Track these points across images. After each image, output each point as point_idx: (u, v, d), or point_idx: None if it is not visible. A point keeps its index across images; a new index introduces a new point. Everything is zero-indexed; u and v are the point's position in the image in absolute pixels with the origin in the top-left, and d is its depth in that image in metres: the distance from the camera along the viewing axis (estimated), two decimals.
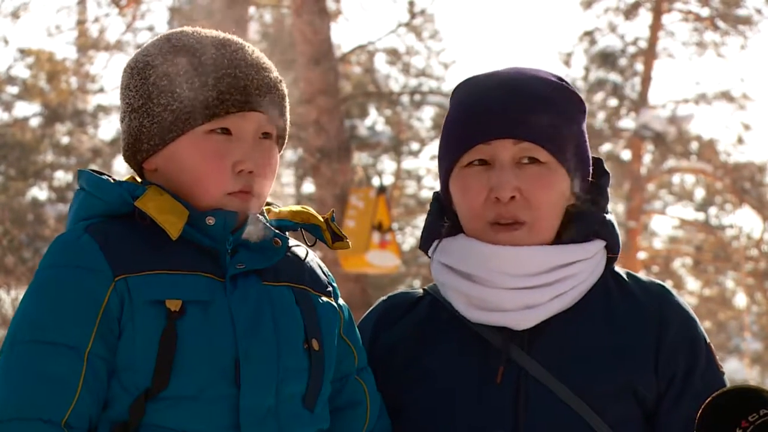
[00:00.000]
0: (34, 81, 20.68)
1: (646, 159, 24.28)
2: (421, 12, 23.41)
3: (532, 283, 2.50)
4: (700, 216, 25.92)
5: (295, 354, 2.38)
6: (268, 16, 24.38)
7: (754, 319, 26.49)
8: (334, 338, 2.47)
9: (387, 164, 26.49)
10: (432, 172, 26.99)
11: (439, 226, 2.62)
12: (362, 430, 2.53)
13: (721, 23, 22.89)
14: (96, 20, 17.92)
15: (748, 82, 43.84)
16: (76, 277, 2.29)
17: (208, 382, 2.29)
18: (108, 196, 2.37)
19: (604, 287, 2.57)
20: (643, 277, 2.62)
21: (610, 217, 2.61)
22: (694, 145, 23.03)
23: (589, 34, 23.70)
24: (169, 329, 2.28)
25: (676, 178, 25.96)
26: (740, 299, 26.63)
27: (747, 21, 22.72)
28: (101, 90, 21.80)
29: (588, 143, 2.61)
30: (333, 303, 2.50)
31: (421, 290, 2.69)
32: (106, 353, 2.28)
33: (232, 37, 2.46)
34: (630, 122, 23.44)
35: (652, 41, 23.11)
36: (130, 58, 2.49)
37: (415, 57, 25.46)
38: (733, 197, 23.82)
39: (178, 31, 2.47)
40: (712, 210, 25.79)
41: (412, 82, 25.42)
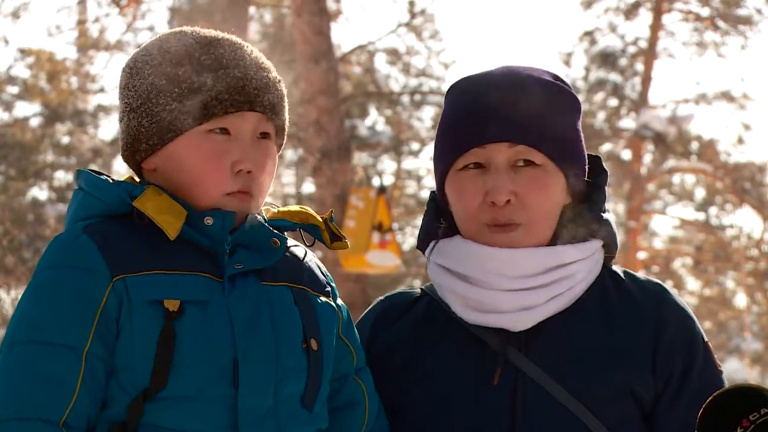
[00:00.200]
0: (35, 81, 20.68)
1: (647, 159, 24.28)
2: (421, 12, 23.42)
3: (529, 285, 2.50)
4: (701, 216, 25.93)
5: (294, 354, 2.37)
6: (268, 16, 24.39)
7: (754, 319, 26.50)
8: (333, 338, 2.47)
9: (387, 164, 26.50)
10: (432, 173, 26.97)
11: (436, 227, 2.61)
12: (361, 430, 2.53)
13: (721, 23, 22.89)
14: (96, 20, 17.93)
15: (749, 82, 43.89)
16: (75, 277, 2.29)
17: (207, 382, 2.29)
18: (106, 196, 2.37)
19: (602, 287, 2.56)
20: (641, 276, 2.61)
21: (608, 216, 2.60)
22: (695, 145, 23.03)
23: (589, 34, 23.71)
24: (168, 329, 2.28)
25: (676, 178, 25.98)
26: (740, 299, 26.64)
27: (747, 21, 22.73)
28: (101, 90, 21.81)
29: (583, 142, 2.60)
30: (331, 303, 2.50)
31: (418, 290, 2.69)
32: (104, 353, 2.28)
33: (231, 37, 2.46)
34: (630, 122, 23.45)
35: (653, 41, 23.11)
36: (128, 58, 2.49)
37: (415, 57, 25.48)
38: (733, 197, 23.83)
39: (177, 30, 2.47)
40: (713, 210, 25.80)
41: (413, 82, 25.42)
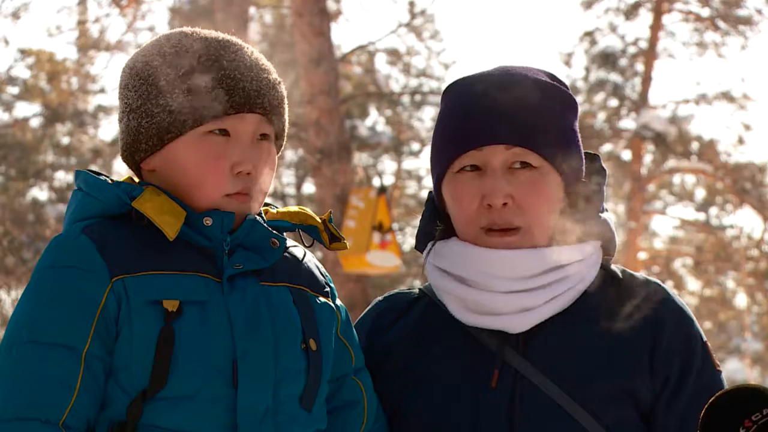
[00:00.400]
0: (35, 81, 20.70)
1: (647, 159, 24.28)
2: (422, 12, 23.43)
3: (527, 286, 2.49)
4: (701, 216, 25.93)
5: (293, 354, 2.38)
6: (268, 17, 24.39)
7: (754, 320, 26.51)
8: (332, 338, 2.47)
9: (387, 164, 26.51)
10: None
11: (433, 228, 2.61)
12: (360, 430, 2.53)
13: (721, 23, 22.89)
14: (96, 20, 17.92)
15: (749, 82, 43.96)
16: (73, 277, 2.29)
17: (206, 383, 2.29)
18: (105, 196, 2.37)
19: (600, 287, 2.56)
20: (639, 275, 2.61)
21: (606, 216, 2.60)
22: (695, 146, 23.03)
23: (589, 34, 23.71)
24: (167, 329, 2.28)
25: (676, 179, 25.99)
26: (741, 299, 26.65)
27: (747, 21, 22.73)
28: (102, 90, 21.82)
29: (581, 141, 2.59)
30: (330, 303, 2.50)
31: (417, 290, 2.68)
32: (103, 354, 2.28)
33: (232, 38, 2.46)
34: (630, 122, 23.45)
35: (653, 41, 23.11)
36: (129, 58, 2.49)
37: (415, 57, 25.48)
38: (733, 197, 23.83)
39: (178, 31, 2.46)
40: (713, 210, 25.81)
41: (413, 82, 25.43)
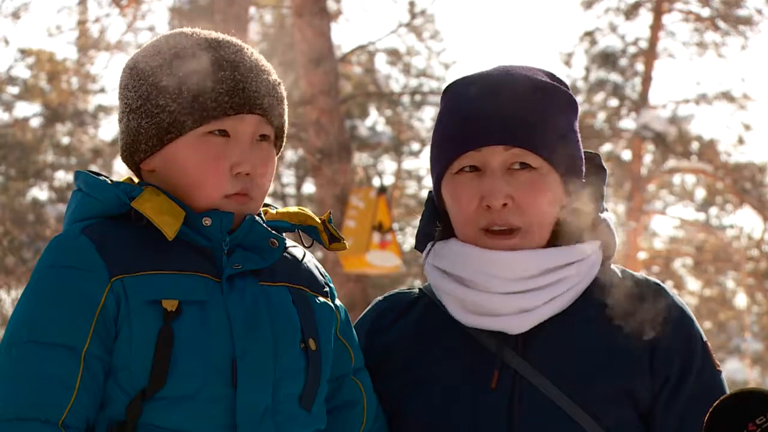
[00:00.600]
0: (35, 81, 20.70)
1: (647, 159, 24.28)
2: (422, 12, 23.43)
3: (526, 287, 2.49)
4: (701, 216, 25.94)
5: (292, 354, 2.38)
6: (268, 17, 24.38)
7: (754, 320, 26.50)
8: (331, 338, 2.47)
9: (387, 164, 26.51)
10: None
11: (433, 229, 2.61)
12: (359, 430, 2.53)
13: (721, 23, 22.89)
14: (96, 20, 17.91)
15: (749, 82, 43.93)
16: (73, 277, 2.29)
17: (205, 382, 2.29)
18: (105, 196, 2.38)
19: (600, 288, 2.55)
20: (639, 275, 2.60)
21: (606, 216, 2.59)
22: (695, 146, 23.03)
23: (589, 34, 23.71)
24: (166, 329, 2.28)
25: (676, 179, 25.99)
26: (741, 299, 26.65)
27: (747, 21, 22.72)
28: (102, 90, 21.81)
29: (580, 142, 2.58)
30: (330, 303, 2.50)
31: (417, 290, 2.68)
32: (102, 353, 2.28)
33: (232, 39, 2.46)
34: (630, 122, 23.45)
35: (653, 41, 23.11)
36: (129, 59, 2.49)
37: (415, 57, 25.49)
38: (733, 197, 23.83)
39: (178, 32, 2.46)
40: (713, 210, 25.82)
41: (413, 82, 25.43)
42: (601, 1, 23.68)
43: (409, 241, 26.43)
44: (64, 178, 21.09)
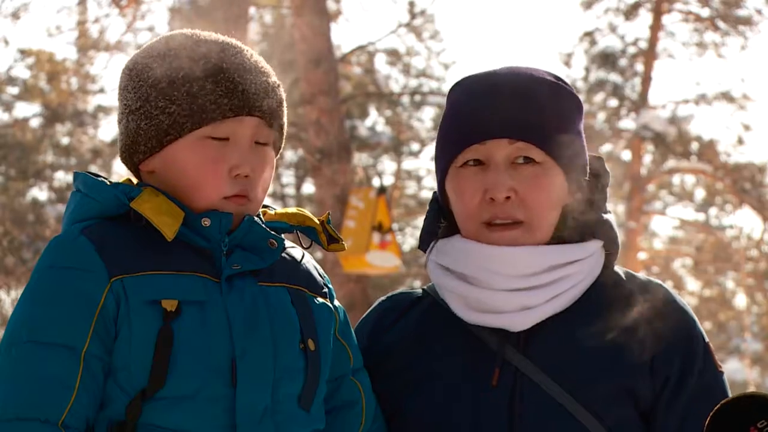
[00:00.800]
0: (35, 81, 20.70)
1: (647, 159, 24.28)
2: (422, 12, 23.43)
3: (529, 284, 2.50)
4: (701, 216, 25.95)
5: (291, 354, 2.38)
6: (268, 17, 24.38)
7: (754, 320, 26.52)
8: (330, 339, 2.48)
9: (387, 165, 26.52)
10: (432, 173, 27.01)
11: (436, 227, 2.61)
12: (358, 430, 2.54)
13: (721, 24, 22.89)
14: (96, 21, 17.91)
15: (749, 82, 44.00)
16: (72, 278, 2.30)
17: (205, 382, 2.29)
18: (104, 197, 2.38)
19: (602, 287, 2.56)
20: (642, 276, 2.61)
21: (609, 217, 2.60)
22: (695, 146, 23.03)
23: (589, 34, 23.71)
24: (166, 329, 2.29)
25: (676, 179, 25.99)
26: (740, 300, 26.66)
27: (747, 21, 22.72)
28: (101, 90, 21.82)
29: (585, 142, 2.59)
30: (328, 304, 2.51)
31: (420, 290, 2.69)
32: (102, 353, 2.29)
33: (231, 41, 2.46)
34: (630, 123, 23.45)
35: (653, 42, 23.11)
36: (128, 60, 2.49)
37: (415, 57, 25.49)
38: (733, 198, 23.83)
39: (177, 33, 2.47)
40: (713, 210, 25.83)
41: (413, 82, 25.44)
42: (601, 1, 23.69)
43: (409, 242, 26.43)
44: (63, 178, 21.09)
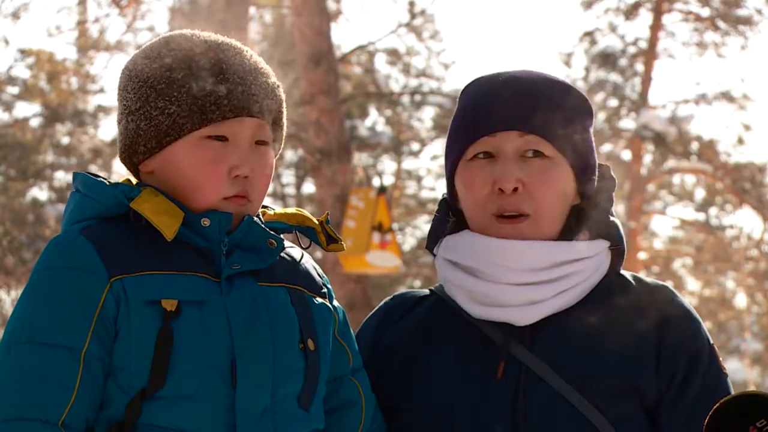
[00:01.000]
0: (35, 81, 20.70)
1: (647, 159, 24.29)
2: (422, 12, 23.43)
3: (536, 279, 2.51)
4: (701, 216, 25.94)
5: (291, 354, 2.39)
6: (268, 17, 24.39)
7: (754, 320, 26.53)
8: (329, 339, 2.48)
9: (387, 164, 26.54)
10: (432, 173, 27.01)
11: (445, 224, 2.62)
12: (357, 430, 2.54)
13: (721, 24, 22.89)
14: (96, 21, 17.92)
15: (749, 82, 44.02)
16: (72, 278, 2.30)
17: (204, 382, 2.30)
18: (103, 197, 2.38)
19: (608, 287, 2.57)
20: (649, 279, 2.62)
21: (615, 220, 2.61)
22: (695, 146, 23.03)
23: (589, 34, 23.72)
24: (165, 329, 2.29)
25: (676, 179, 26.00)
26: (740, 300, 26.67)
27: (747, 21, 22.73)
28: (101, 90, 21.83)
29: (594, 146, 2.61)
30: (327, 304, 2.51)
31: (427, 290, 2.70)
32: (102, 353, 2.29)
33: (231, 42, 2.46)
34: (630, 122, 23.45)
35: (653, 41, 23.11)
36: (128, 60, 2.49)
37: (415, 57, 25.51)
38: (733, 198, 23.83)
39: (177, 34, 2.47)
40: (713, 210, 25.82)
41: (413, 82, 25.45)
42: (601, 1, 23.69)
43: (409, 242, 26.44)
44: (63, 178, 21.09)
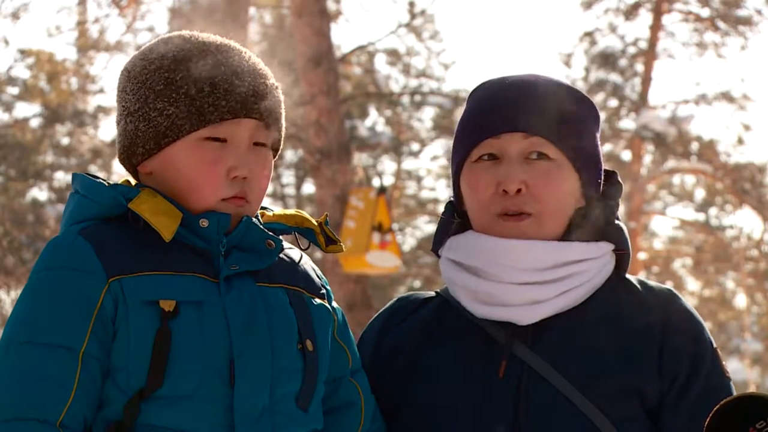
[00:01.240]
0: (35, 82, 20.70)
1: (647, 160, 24.29)
2: (422, 12, 23.44)
3: (539, 278, 2.51)
4: (701, 217, 25.94)
5: (290, 354, 2.39)
6: (268, 17, 24.39)
7: (754, 320, 26.53)
8: (328, 339, 2.48)
9: (387, 165, 26.54)
10: (432, 173, 27.02)
11: (450, 225, 2.63)
12: (357, 431, 2.54)
13: (721, 24, 22.90)
14: (96, 21, 17.93)
15: (749, 82, 44.03)
16: (71, 278, 2.30)
17: (203, 382, 2.30)
18: (102, 198, 2.38)
19: (612, 288, 2.57)
20: (652, 283, 2.62)
21: (620, 224, 2.62)
22: (695, 146, 23.03)
23: (589, 34, 23.72)
24: (164, 329, 2.29)
25: (676, 179, 26.00)
26: (740, 300, 26.66)
27: (747, 22, 22.73)
28: (101, 91, 21.83)
29: (600, 150, 2.62)
30: (326, 305, 2.51)
31: (432, 292, 2.71)
32: (100, 354, 2.29)
33: (230, 43, 2.47)
34: (630, 123, 23.46)
35: (653, 42, 23.12)
36: (127, 61, 2.49)
37: (415, 57, 25.51)
38: (733, 198, 23.83)
39: (176, 35, 2.47)
40: (713, 211, 25.82)
41: (413, 82, 25.46)
42: (601, 1, 23.70)
43: (409, 242, 26.45)
44: (63, 178, 21.10)
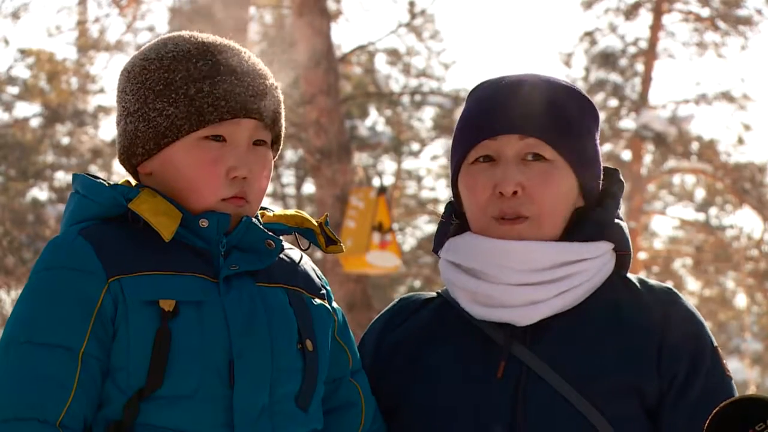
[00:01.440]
0: (35, 81, 20.71)
1: (647, 159, 24.29)
2: (422, 12, 23.44)
3: (537, 279, 2.51)
4: (701, 216, 25.95)
5: (289, 354, 2.39)
6: (268, 17, 24.39)
7: (754, 320, 26.52)
8: (328, 339, 2.49)
9: (387, 165, 26.55)
10: (432, 173, 27.03)
11: (449, 226, 2.63)
12: (357, 431, 2.54)
13: (721, 24, 22.90)
14: (96, 21, 17.94)
15: (749, 82, 44.05)
16: (71, 278, 2.30)
17: (202, 382, 2.30)
18: (102, 198, 2.38)
19: (611, 288, 2.57)
20: (653, 281, 2.62)
21: (621, 224, 2.61)
22: (695, 146, 23.03)
23: (589, 34, 23.72)
24: (163, 329, 2.29)
25: (676, 179, 26.00)
26: (740, 300, 26.66)
27: (747, 21, 22.73)
28: (101, 90, 21.83)
29: (599, 149, 2.61)
30: (326, 305, 2.51)
31: (433, 293, 2.71)
32: (100, 354, 2.29)
33: (229, 43, 2.47)
34: (630, 123, 23.46)
35: (653, 42, 23.12)
36: (126, 62, 2.50)
37: (415, 57, 25.51)
38: (733, 198, 23.83)
39: (176, 35, 2.47)
40: (713, 210, 25.83)
41: (413, 82, 25.45)
42: (601, 1, 23.70)
43: (409, 242, 26.45)
44: (63, 178, 21.11)
